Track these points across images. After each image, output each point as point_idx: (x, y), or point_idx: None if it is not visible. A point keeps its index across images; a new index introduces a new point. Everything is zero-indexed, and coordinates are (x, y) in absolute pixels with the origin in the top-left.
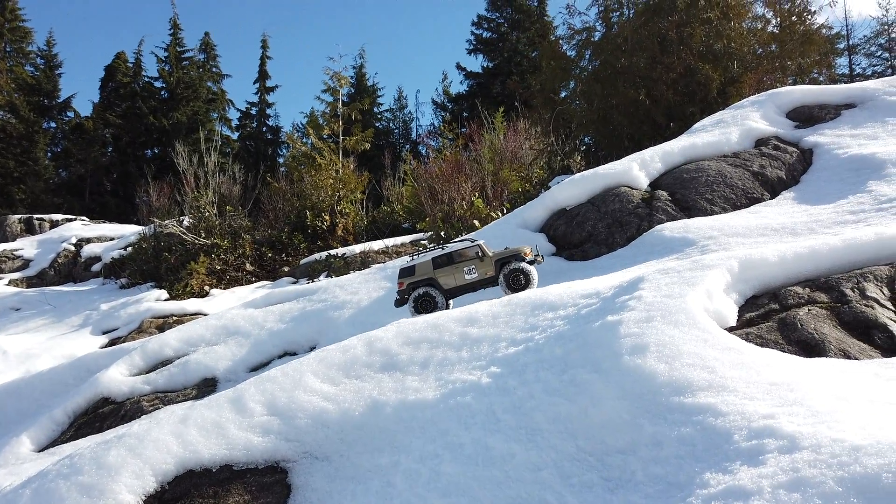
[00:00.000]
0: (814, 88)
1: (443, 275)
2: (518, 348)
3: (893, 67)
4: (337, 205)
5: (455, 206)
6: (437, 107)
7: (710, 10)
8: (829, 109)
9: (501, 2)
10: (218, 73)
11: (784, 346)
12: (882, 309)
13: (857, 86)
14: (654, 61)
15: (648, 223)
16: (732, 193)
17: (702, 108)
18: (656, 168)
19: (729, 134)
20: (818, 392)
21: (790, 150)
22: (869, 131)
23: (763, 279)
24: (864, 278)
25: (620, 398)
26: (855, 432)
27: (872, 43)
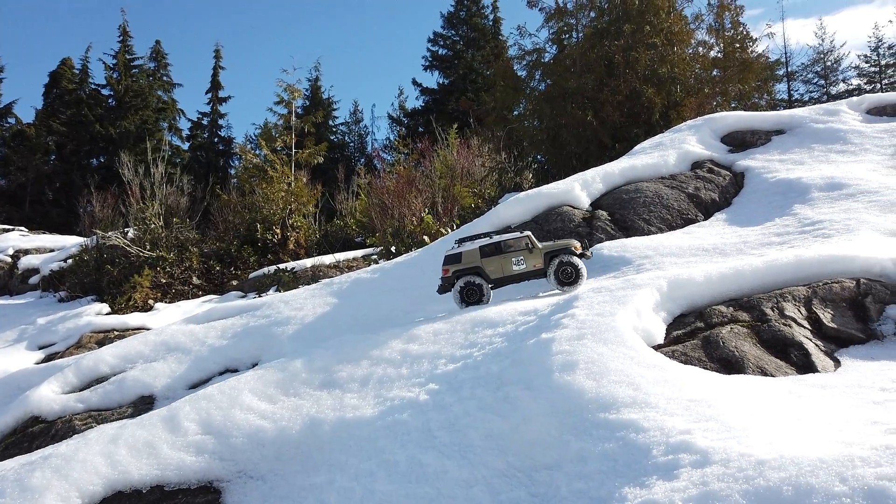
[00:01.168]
0: (746, 115)
1: (490, 264)
2: (457, 365)
3: (829, 94)
4: (289, 218)
5: (405, 221)
6: (393, 121)
7: (655, 36)
8: (760, 135)
9: (457, 20)
10: (169, 82)
11: (706, 364)
12: (799, 328)
13: (787, 113)
14: (602, 84)
15: (588, 242)
16: (668, 214)
17: (645, 129)
18: (597, 188)
19: (667, 157)
20: (733, 408)
21: (723, 174)
22: (796, 157)
23: (690, 298)
24: (784, 298)
25: (550, 414)
26: (762, 447)
27: (809, 70)
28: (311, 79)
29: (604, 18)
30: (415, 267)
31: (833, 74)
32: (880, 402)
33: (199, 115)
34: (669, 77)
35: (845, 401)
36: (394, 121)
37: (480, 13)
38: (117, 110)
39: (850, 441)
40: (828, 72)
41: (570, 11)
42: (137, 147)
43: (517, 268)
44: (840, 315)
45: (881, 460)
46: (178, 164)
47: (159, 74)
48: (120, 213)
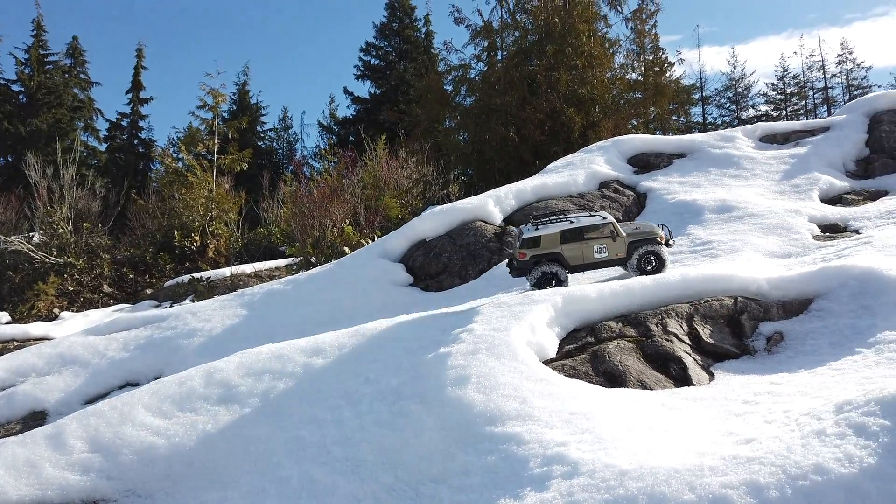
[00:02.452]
0: (651, 138)
1: (570, 250)
2: (359, 379)
3: (739, 118)
4: (209, 225)
5: (326, 232)
6: (324, 129)
7: (576, 58)
8: (663, 158)
9: (389, 31)
10: (86, 80)
11: (592, 377)
12: (680, 343)
13: (688, 138)
14: (524, 102)
15: (499, 257)
16: None
17: (565, 147)
18: (510, 204)
19: (576, 176)
20: (608, 421)
21: (628, 194)
22: (694, 179)
23: (584, 314)
24: (668, 315)
25: (440, 428)
26: (627, 458)
27: (722, 96)
28: (239, 83)
29: (528, 38)
30: (329, 279)
31: (744, 100)
32: (741, 415)
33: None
34: (589, 98)
35: (711, 413)
36: (324, 129)
37: (413, 25)
38: (28, 107)
39: (704, 451)
40: (739, 98)
41: (496, 30)
42: (49, 147)
43: (599, 255)
44: (718, 331)
45: (727, 469)
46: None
47: (76, 72)
48: (25, 216)
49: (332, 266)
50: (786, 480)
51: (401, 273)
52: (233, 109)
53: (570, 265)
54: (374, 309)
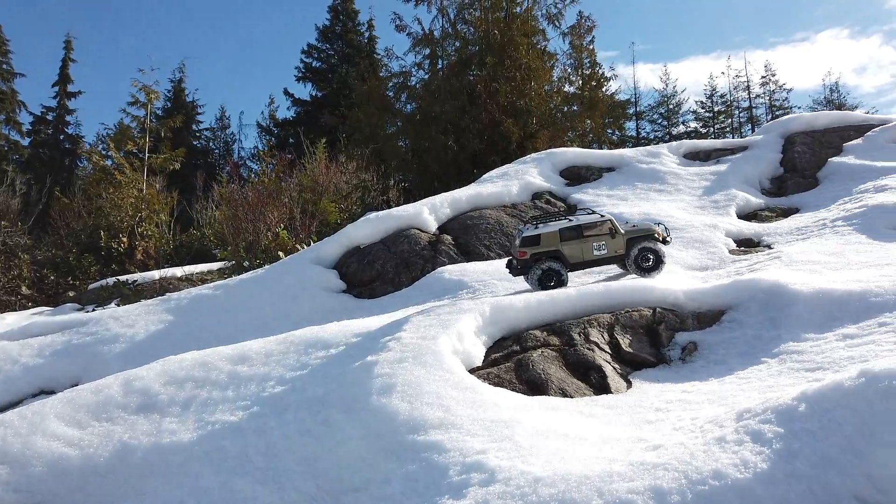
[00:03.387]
0: (583, 151)
1: (569, 248)
2: (285, 387)
3: (671, 134)
4: (138, 226)
5: (261, 236)
6: (263, 130)
7: (515, 70)
8: (593, 171)
9: (332, 34)
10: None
11: (516, 385)
12: (600, 352)
13: (617, 152)
14: (464, 111)
15: (432, 265)
16: (507, 241)
17: (503, 157)
18: (445, 213)
19: (510, 186)
20: (527, 428)
21: (559, 205)
22: (622, 193)
23: (511, 323)
24: (590, 324)
25: (364, 437)
26: (542, 465)
27: (655, 111)
28: (175, 80)
29: (468, 49)
30: (260, 285)
31: (675, 117)
32: (652, 422)
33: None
34: (526, 110)
35: (625, 420)
36: (263, 130)
37: (356, 30)
38: None
39: (614, 458)
40: (670, 114)
41: (437, 39)
42: None
43: (598, 253)
44: (637, 340)
45: (634, 475)
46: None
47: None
48: None
49: (263, 271)
50: (687, 485)
51: (334, 280)
52: (167, 107)
53: (570, 263)
54: (306, 316)
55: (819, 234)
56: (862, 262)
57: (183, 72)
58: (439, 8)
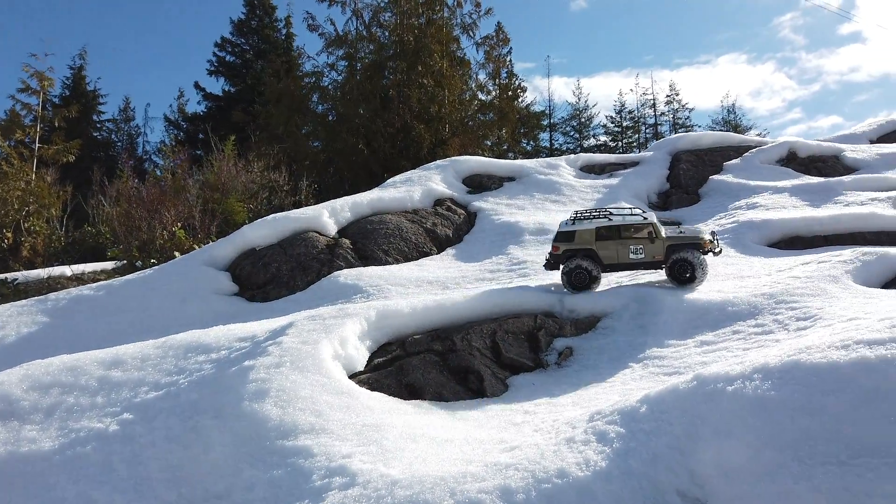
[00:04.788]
0: (485, 160)
1: (605, 248)
2: (159, 393)
3: (582, 146)
4: (24, 221)
5: (155, 235)
6: (170, 124)
7: (428, 77)
8: (495, 180)
9: (248, 29)
10: None
11: (395, 390)
12: (481, 357)
13: (518, 163)
14: (377, 115)
15: (329, 269)
16: (406, 246)
17: (414, 162)
18: (345, 217)
19: (413, 192)
20: (397, 432)
21: (459, 212)
22: (520, 202)
23: (396, 328)
24: (474, 330)
25: (232, 443)
26: (402, 468)
27: (568, 124)
28: (75, 67)
29: (382, 53)
30: (147, 286)
31: (586, 130)
32: (518, 424)
33: None
34: (438, 116)
35: (494, 422)
36: (171, 124)
37: (273, 26)
38: None
39: (472, 459)
40: (582, 127)
41: (351, 41)
42: None
43: (634, 256)
44: (518, 346)
45: (487, 476)
46: None
47: None
48: None
49: (151, 272)
50: (532, 484)
51: (225, 282)
52: (66, 95)
53: (604, 263)
54: (193, 319)
55: None
56: (727, 274)
57: (84, 59)
58: (354, 10)
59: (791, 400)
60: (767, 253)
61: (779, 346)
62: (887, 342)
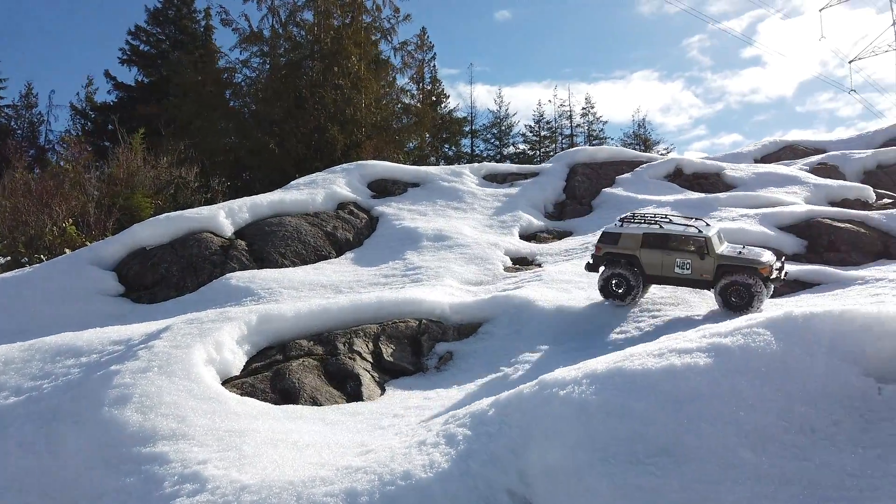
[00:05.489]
0: (391, 165)
1: (649, 256)
2: (19, 398)
3: (502, 153)
4: None
5: (45, 230)
6: (77, 113)
7: (344, 79)
8: (400, 185)
9: (164, 18)
10: None
11: (269, 394)
12: (362, 361)
13: (423, 169)
14: (290, 114)
15: (221, 270)
16: (304, 249)
17: (327, 164)
18: (243, 218)
19: (316, 195)
20: (260, 437)
21: (362, 216)
22: (422, 208)
23: (278, 332)
24: (357, 335)
25: (87, 450)
26: (255, 473)
27: (489, 131)
28: None
29: (298, 52)
30: (25, 285)
31: (506, 138)
32: (384, 427)
33: None
34: (354, 119)
35: (361, 426)
36: (78, 113)
37: (191, 17)
38: None
39: (325, 463)
40: (502, 135)
41: (266, 38)
42: None
43: (678, 271)
44: (401, 350)
45: (336, 479)
46: None
47: None
48: None
49: (31, 270)
50: (378, 486)
51: (111, 282)
52: None
53: (647, 273)
54: (72, 320)
55: (581, 256)
56: None
57: None
58: (270, 7)
59: (606, 403)
60: None
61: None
62: (694, 351)
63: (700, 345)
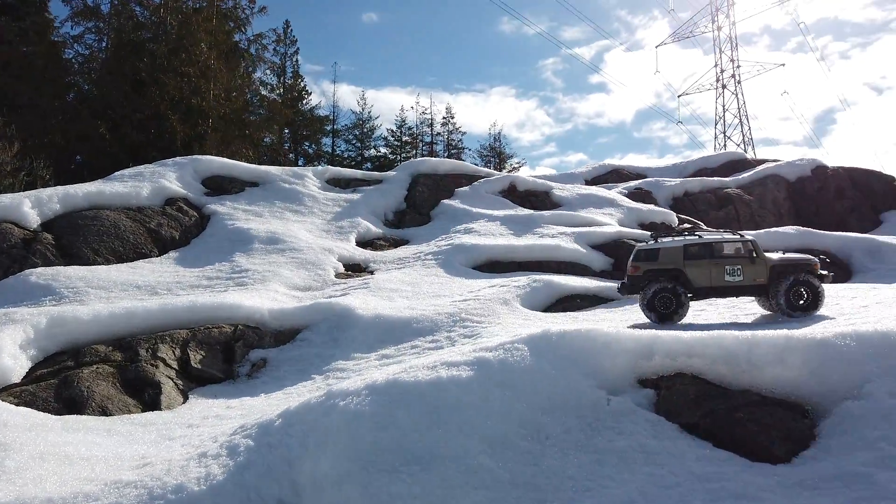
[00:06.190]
0: (230, 162)
1: (695, 268)
2: None
3: (363, 156)
4: None
5: None
6: None
7: (190, 66)
8: (237, 184)
9: None
10: None
11: (51, 404)
12: (165, 368)
13: (263, 168)
14: (127, 99)
15: (21, 266)
16: (122, 247)
17: (166, 155)
18: (53, 209)
19: (141, 188)
20: (28, 452)
21: (191, 214)
22: (258, 209)
23: (74, 336)
24: (163, 340)
25: None
26: (12, 490)
27: (351, 132)
28: None
29: (141, 33)
30: None
31: (368, 140)
32: (174, 438)
33: None
34: (200, 109)
35: (150, 437)
36: None
37: None
38: None
39: (95, 478)
40: (364, 137)
41: (103, 15)
42: None
43: (731, 278)
44: (212, 357)
45: (102, 495)
46: None
47: None
48: None
49: None
50: (147, 501)
51: None
52: None
53: (695, 287)
54: None
55: (412, 264)
56: (428, 293)
57: None
58: None
59: (376, 414)
60: (470, 274)
61: (402, 365)
62: (461, 364)
63: (468, 358)
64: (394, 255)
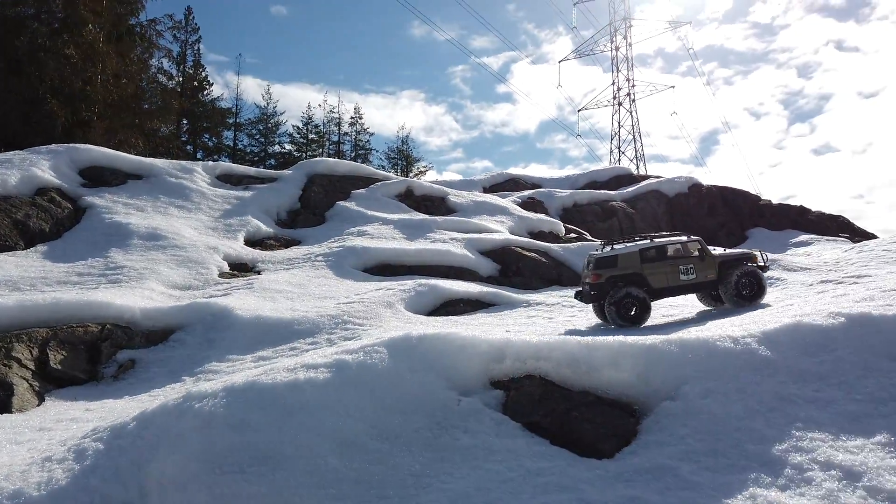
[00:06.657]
0: (111, 153)
1: (653, 271)
2: None
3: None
4: None
5: None
6: None
7: (72, 49)
8: (119, 175)
9: None
10: None
11: None
12: (20, 368)
13: (148, 161)
14: (3, 79)
15: None
16: None
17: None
18: None
19: (8, 177)
20: None
21: (65, 206)
22: (141, 203)
23: None
24: (19, 339)
25: None
26: None
27: (254, 127)
28: None
29: (21, 9)
30: None
31: (272, 135)
32: (22, 442)
33: None
34: (84, 94)
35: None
36: None
37: None
38: None
39: None
40: (268, 132)
41: None
42: None
43: (685, 277)
44: (75, 357)
45: None
46: None
47: None
48: None
49: None
50: None
51: None
52: None
53: (654, 288)
54: None
55: (302, 265)
56: (315, 294)
57: None
58: None
59: (230, 416)
60: (360, 277)
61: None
62: (321, 366)
63: (328, 360)
64: (283, 256)
